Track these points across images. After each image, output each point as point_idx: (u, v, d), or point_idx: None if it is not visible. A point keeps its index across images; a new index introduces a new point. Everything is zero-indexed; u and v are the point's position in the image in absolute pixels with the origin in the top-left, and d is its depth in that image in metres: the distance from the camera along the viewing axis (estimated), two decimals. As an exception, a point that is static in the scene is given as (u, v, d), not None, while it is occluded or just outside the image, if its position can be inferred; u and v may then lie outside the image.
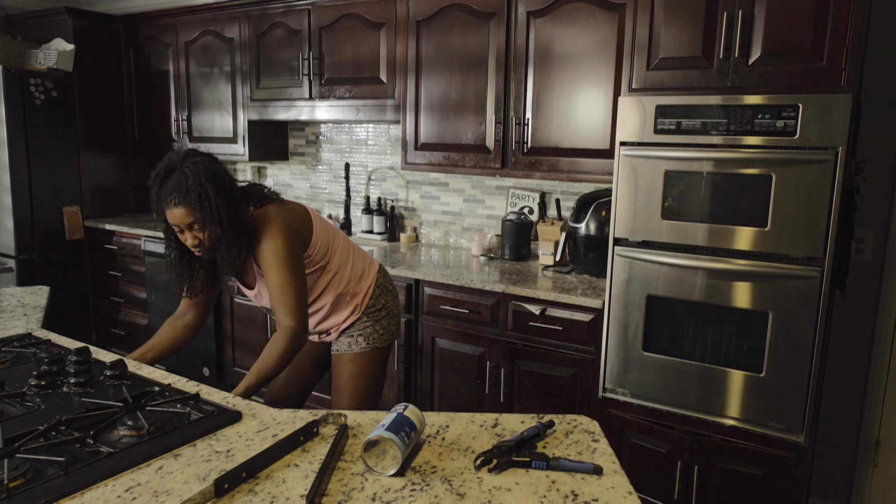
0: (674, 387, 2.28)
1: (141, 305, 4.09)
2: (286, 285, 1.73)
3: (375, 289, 2.06)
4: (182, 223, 1.68)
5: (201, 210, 1.65)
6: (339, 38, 3.32)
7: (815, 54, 1.99)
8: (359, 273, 2.03)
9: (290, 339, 1.70)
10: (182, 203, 1.65)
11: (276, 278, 1.73)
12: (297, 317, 1.73)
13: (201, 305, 1.94)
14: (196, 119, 4.04)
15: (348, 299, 2.00)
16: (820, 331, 2.02)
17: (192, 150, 1.75)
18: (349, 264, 2.00)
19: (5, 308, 2.15)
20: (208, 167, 1.69)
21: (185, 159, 1.70)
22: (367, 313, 2.03)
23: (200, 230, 1.69)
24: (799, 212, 2.00)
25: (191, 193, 1.65)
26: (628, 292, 2.33)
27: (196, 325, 1.95)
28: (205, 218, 1.66)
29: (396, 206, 3.72)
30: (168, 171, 1.70)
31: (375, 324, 2.04)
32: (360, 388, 2.01)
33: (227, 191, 1.70)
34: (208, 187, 1.65)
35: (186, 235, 1.71)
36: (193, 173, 1.66)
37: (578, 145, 2.71)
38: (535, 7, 2.72)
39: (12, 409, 1.34)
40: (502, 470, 1.15)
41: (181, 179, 1.66)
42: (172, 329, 1.92)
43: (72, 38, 4.03)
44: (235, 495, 1.05)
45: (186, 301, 1.92)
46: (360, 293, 2.02)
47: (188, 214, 1.66)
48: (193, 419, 1.31)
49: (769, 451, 2.16)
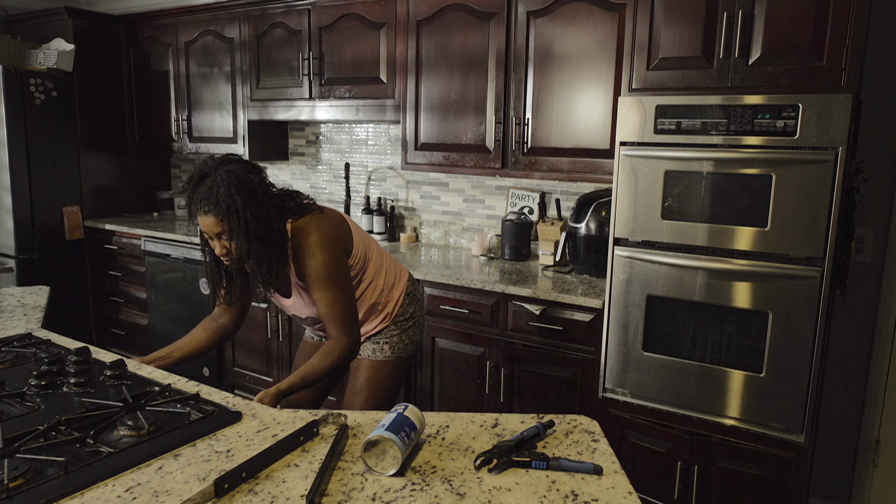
0: (674, 387, 2.28)
1: (141, 305, 4.09)
2: (336, 302, 1.70)
3: (405, 297, 2.03)
4: (211, 231, 1.64)
5: (228, 221, 1.61)
6: (339, 38, 3.32)
7: (815, 54, 1.99)
8: (391, 281, 1.99)
9: (344, 355, 1.69)
10: (211, 212, 1.61)
11: (326, 296, 1.70)
12: (351, 333, 1.71)
13: (236, 310, 1.91)
14: (196, 119, 4.04)
15: (380, 308, 1.96)
16: (820, 331, 2.02)
17: (230, 155, 1.70)
18: (383, 272, 1.96)
19: (5, 308, 2.15)
20: (241, 176, 1.63)
21: (220, 165, 1.65)
22: (395, 322, 1.99)
23: (228, 240, 1.65)
24: (799, 212, 2.00)
25: (220, 203, 1.60)
26: (628, 292, 2.33)
27: (231, 329, 1.92)
28: (231, 230, 1.62)
29: (396, 206, 3.72)
30: (202, 176, 1.65)
31: (402, 333, 2.00)
32: (375, 396, 1.96)
33: (259, 203, 1.64)
34: (237, 199, 1.60)
35: (215, 244, 1.67)
36: (224, 182, 1.61)
37: (578, 145, 2.71)
38: (535, 7, 2.72)
39: (12, 409, 1.34)
40: (502, 470, 1.15)
41: (212, 187, 1.61)
42: (205, 329, 1.89)
43: (72, 38, 4.03)
44: (235, 495, 1.05)
45: (222, 305, 1.90)
46: (391, 301, 1.98)
47: (217, 224, 1.62)
48: (193, 419, 1.31)
49: (769, 451, 2.16)
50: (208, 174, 1.63)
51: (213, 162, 1.66)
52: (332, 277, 1.71)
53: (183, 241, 3.72)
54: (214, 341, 1.90)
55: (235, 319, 1.92)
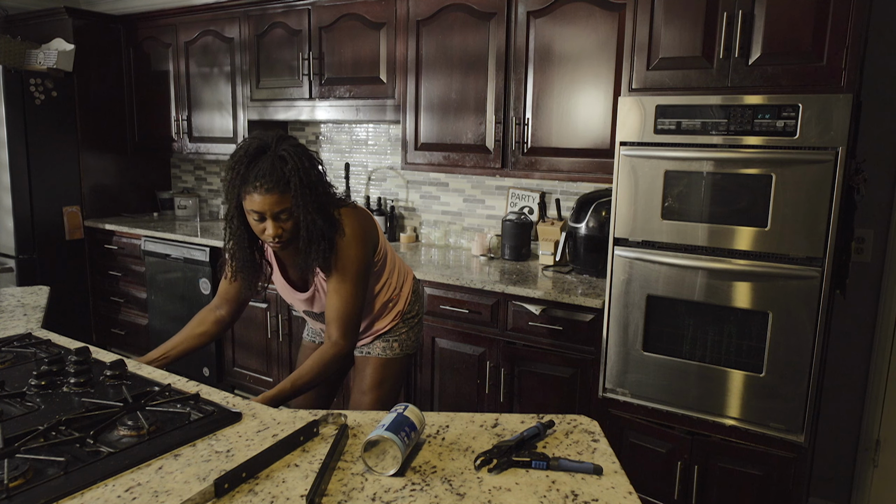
0: (674, 387, 2.28)
1: (141, 305, 4.09)
2: (350, 302, 1.67)
3: (412, 294, 2.02)
4: (270, 210, 1.55)
5: (301, 198, 1.54)
6: (339, 38, 3.32)
7: (815, 54, 1.99)
8: (402, 279, 1.99)
9: (337, 359, 1.65)
10: (275, 189, 1.52)
11: (344, 291, 1.66)
12: (350, 338, 1.68)
13: (238, 301, 1.86)
14: (196, 119, 4.04)
15: (391, 306, 1.95)
16: (820, 331, 2.02)
17: (283, 133, 1.62)
18: (395, 270, 1.95)
19: (5, 308, 2.15)
20: (308, 153, 1.58)
21: (280, 141, 1.57)
22: (404, 319, 1.99)
23: (287, 219, 1.58)
24: (799, 212, 2.00)
25: (289, 179, 1.52)
26: (628, 292, 2.33)
27: (228, 321, 1.86)
28: (301, 206, 1.55)
29: (396, 206, 3.72)
30: (259, 151, 1.56)
31: (409, 330, 2.00)
32: (385, 394, 1.95)
33: (322, 184, 1.60)
34: (312, 174, 1.55)
35: (268, 224, 1.58)
36: (293, 157, 1.54)
37: (578, 145, 2.71)
38: (535, 7, 2.72)
39: (12, 409, 1.34)
40: (502, 470, 1.15)
41: (276, 163, 1.53)
42: (202, 323, 1.83)
43: (72, 38, 4.04)
44: (235, 495, 1.05)
45: (223, 295, 1.84)
46: (401, 299, 1.98)
47: (280, 202, 1.54)
48: (193, 419, 1.31)
49: (769, 451, 2.16)
50: (266, 149, 1.56)
51: (268, 137, 1.58)
52: (357, 274, 1.69)
53: (183, 241, 3.72)
54: (213, 335, 1.85)
55: (234, 311, 1.87)
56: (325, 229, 1.61)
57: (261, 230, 1.60)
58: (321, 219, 1.59)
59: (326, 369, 1.64)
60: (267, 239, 1.61)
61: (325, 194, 1.61)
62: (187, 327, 1.84)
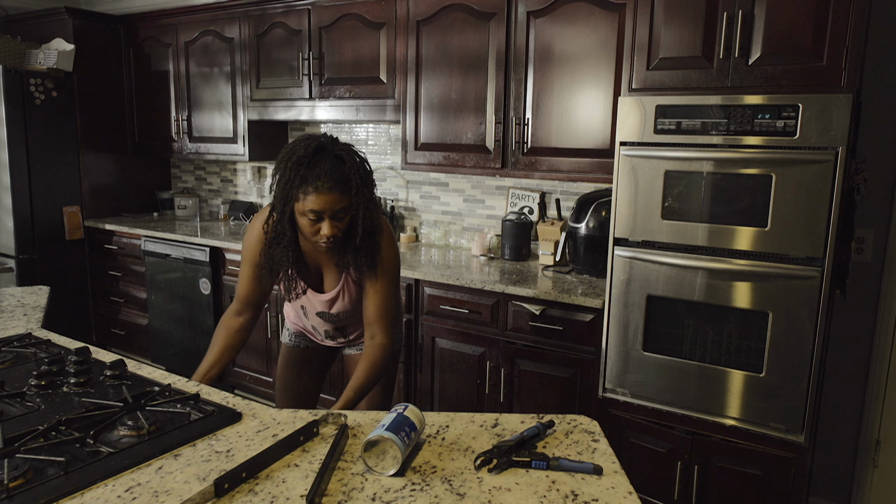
0: (674, 387, 2.28)
1: (141, 305, 4.09)
2: (391, 301, 1.73)
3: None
4: (330, 209, 1.56)
5: (361, 196, 1.58)
6: (339, 38, 3.32)
7: (815, 54, 1.99)
8: None
9: (386, 358, 1.70)
10: (335, 188, 1.54)
11: (386, 290, 1.72)
12: (391, 336, 1.74)
13: (260, 305, 1.87)
14: (196, 119, 4.04)
15: None
16: (820, 331, 2.02)
17: (331, 135, 1.66)
18: None
19: (5, 308, 2.15)
20: (362, 156, 1.63)
21: (335, 143, 1.62)
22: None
23: (343, 219, 1.60)
24: (799, 212, 2.00)
25: (350, 179, 1.56)
26: (628, 292, 2.33)
27: (251, 327, 1.87)
28: (361, 205, 1.58)
29: (396, 206, 3.72)
30: (318, 150, 1.58)
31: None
32: (385, 390, 1.98)
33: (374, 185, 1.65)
34: (368, 177, 1.60)
35: (325, 224, 1.59)
36: (350, 157, 1.58)
37: (578, 145, 2.71)
38: (535, 7, 2.72)
39: (12, 409, 1.34)
40: (502, 470, 1.15)
41: (336, 163, 1.56)
42: (230, 335, 1.82)
43: (72, 38, 4.03)
44: (235, 495, 1.05)
45: (245, 300, 1.83)
46: None
47: (339, 201, 1.56)
48: (193, 419, 1.31)
49: (769, 451, 2.16)
50: (324, 149, 1.58)
51: (323, 139, 1.61)
52: (395, 275, 1.76)
53: (183, 241, 3.72)
54: (243, 343, 1.87)
55: (256, 315, 1.88)
56: (377, 228, 1.68)
57: (314, 231, 1.61)
58: (374, 218, 1.65)
59: (380, 370, 1.69)
60: (320, 239, 1.61)
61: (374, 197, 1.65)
62: (218, 343, 1.82)
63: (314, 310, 1.89)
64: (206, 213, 4.63)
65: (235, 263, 3.54)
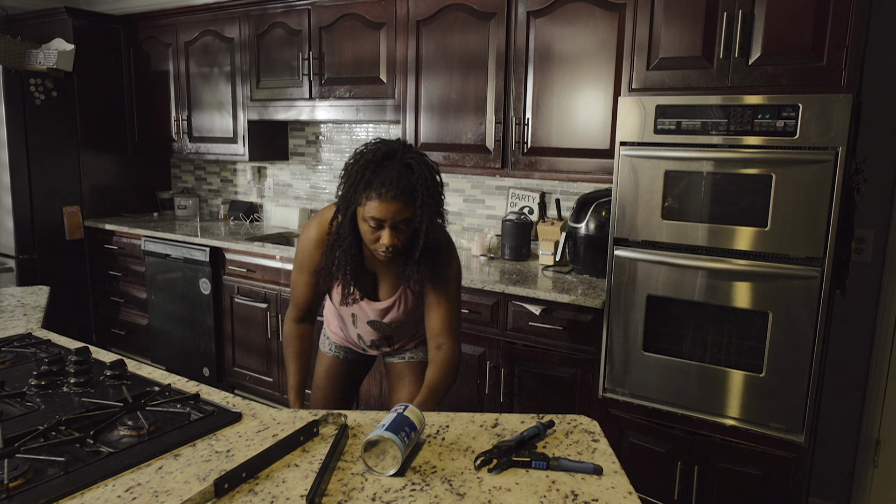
0: (674, 387, 2.28)
1: (141, 305, 4.09)
2: (458, 311, 1.72)
3: None
4: (391, 218, 1.51)
5: (426, 208, 1.51)
6: (339, 38, 3.32)
7: (815, 54, 1.99)
8: None
9: (457, 364, 1.69)
10: (400, 197, 1.48)
11: (454, 300, 1.71)
12: (459, 345, 1.73)
13: (317, 307, 1.85)
14: (196, 119, 4.04)
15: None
16: (820, 331, 2.02)
17: (404, 141, 1.61)
18: None
19: (5, 308, 2.15)
20: (429, 162, 1.55)
21: (406, 150, 1.55)
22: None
23: (405, 229, 1.54)
24: (799, 212, 2.00)
25: (416, 188, 1.50)
26: (628, 292, 2.33)
27: (313, 328, 1.88)
28: (425, 217, 1.52)
29: (396, 206, 3.71)
30: (386, 156, 1.52)
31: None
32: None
33: (442, 194, 1.58)
34: (436, 189, 1.54)
35: (384, 233, 1.53)
36: (419, 166, 1.51)
37: (578, 145, 2.71)
38: (535, 7, 2.72)
39: (12, 409, 1.34)
40: (502, 470, 1.15)
41: (404, 172, 1.50)
42: (304, 341, 1.83)
43: (72, 38, 4.04)
44: (235, 495, 1.05)
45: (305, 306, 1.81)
46: None
47: (403, 210, 1.50)
48: (193, 419, 1.31)
49: (769, 451, 2.16)
50: (393, 156, 1.52)
51: (394, 144, 1.56)
52: (459, 287, 1.74)
53: (183, 241, 3.72)
54: (312, 345, 1.87)
55: (315, 317, 1.87)
56: (441, 243, 1.63)
57: (374, 238, 1.56)
58: (439, 230, 1.59)
59: (453, 375, 1.68)
60: (379, 248, 1.56)
61: (441, 207, 1.59)
62: (295, 354, 1.83)
63: (366, 318, 1.83)
64: (206, 213, 4.63)
65: (235, 263, 3.54)
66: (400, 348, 1.97)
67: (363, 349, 1.99)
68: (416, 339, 1.98)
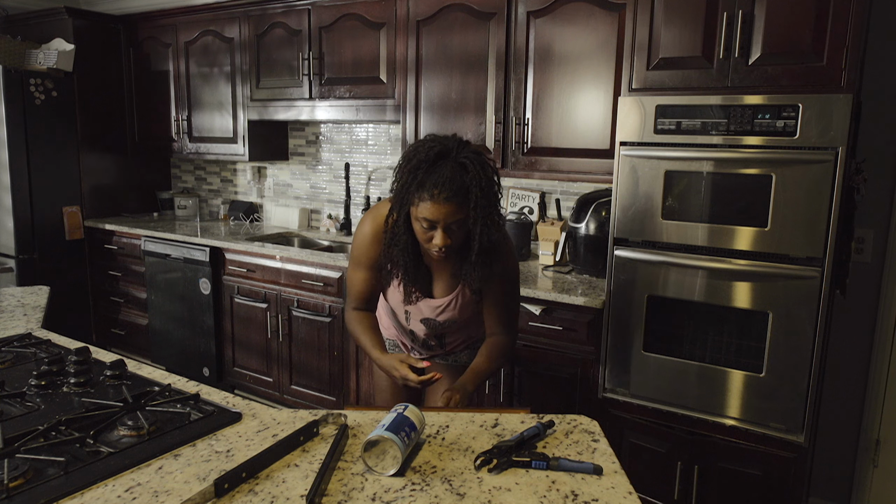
0: (674, 387, 2.28)
1: (141, 305, 4.09)
2: (513, 312, 1.76)
3: None
4: (444, 220, 1.46)
5: (480, 209, 1.46)
6: (339, 38, 3.32)
7: (815, 54, 1.99)
8: None
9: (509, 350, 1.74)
10: (453, 198, 1.44)
11: (512, 301, 1.74)
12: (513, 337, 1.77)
13: (377, 298, 1.82)
14: (196, 119, 4.04)
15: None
16: (820, 331, 2.02)
17: (461, 138, 1.53)
18: None
19: (5, 308, 2.15)
20: (486, 160, 1.49)
21: (461, 148, 1.49)
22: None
23: (458, 230, 1.50)
24: (799, 212, 2.00)
25: (469, 189, 1.45)
26: (628, 292, 2.33)
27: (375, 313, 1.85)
28: (479, 219, 1.47)
29: (396, 206, 3.71)
30: (440, 156, 1.47)
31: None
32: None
33: (498, 196, 1.52)
34: (491, 190, 1.48)
35: (437, 234, 1.49)
36: (474, 165, 1.46)
37: (578, 145, 2.71)
38: (535, 7, 2.72)
39: (12, 409, 1.34)
40: (502, 470, 1.15)
41: (457, 171, 1.44)
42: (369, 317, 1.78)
43: (72, 38, 4.03)
44: (235, 495, 1.05)
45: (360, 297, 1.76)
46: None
47: (455, 212, 1.46)
48: (193, 419, 1.31)
49: (769, 451, 2.16)
50: (447, 155, 1.47)
51: (449, 142, 1.50)
52: (516, 286, 1.76)
53: (183, 241, 3.72)
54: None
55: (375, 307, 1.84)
56: (497, 242, 1.56)
57: (427, 238, 1.53)
58: (494, 231, 1.52)
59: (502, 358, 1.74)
60: (432, 248, 1.53)
61: (497, 208, 1.53)
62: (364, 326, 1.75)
63: (419, 315, 1.78)
64: (206, 213, 4.63)
65: (235, 263, 3.54)
66: (452, 350, 1.93)
67: (411, 348, 1.94)
68: (467, 341, 1.93)
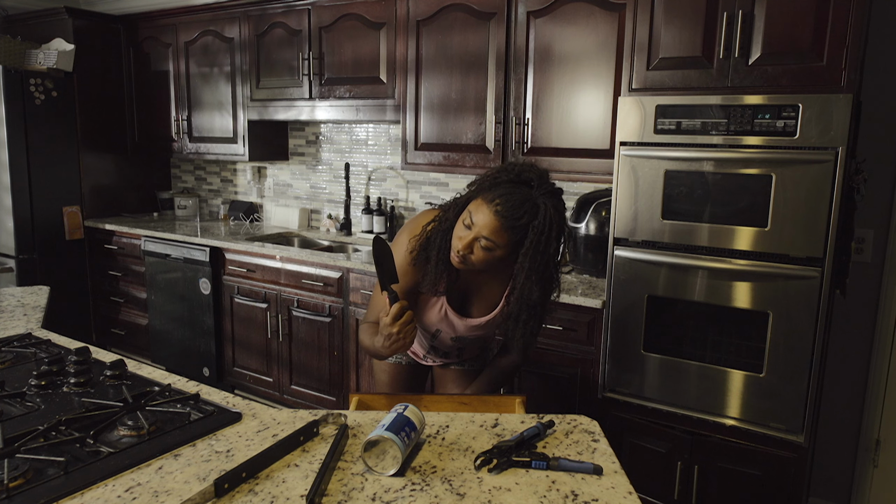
0: (674, 387, 2.28)
1: (141, 305, 4.09)
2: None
3: None
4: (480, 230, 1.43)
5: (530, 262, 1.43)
6: (339, 38, 3.32)
7: (815, 54, 1.99)
8: None
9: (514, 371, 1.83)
10: (504, 219, 1.40)
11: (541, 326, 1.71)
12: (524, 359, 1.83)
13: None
14: (196, 119, 4.04)
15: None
16: (820, 331, 2.02)
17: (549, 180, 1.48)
18: None
19: (5, 308, 2.15)
20: (563, 227, 1.45)
21: (548, 191, 1.44)
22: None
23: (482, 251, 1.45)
24: (799, 212, 2.00)
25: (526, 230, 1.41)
26: (628, 292, 2.33)
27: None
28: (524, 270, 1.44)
29: (396, 206, 3.72)
30: (524, 183, 1.44)
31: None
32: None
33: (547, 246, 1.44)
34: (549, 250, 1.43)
35: (467, 235, 1.46)
36: (546, 215, 1.41)
37: (578, 145, 2.71)
38: (535, 7, 2.72)
39: (12, 409, 1.34)
40: (502, 470, 1.15)
41: (526, 204, 1.41)
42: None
43: (72, 38, 4.03)
44: (235, 495, 1.05)
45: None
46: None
47: (496, 232, 1.42)
48: (193, 419, 1.31)
49: (769, 451, 2.16)
50: (529, 184, 1.44)
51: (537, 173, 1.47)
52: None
53: (183, 241, 3.72)
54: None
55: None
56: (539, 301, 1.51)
57: (457, 237, 1.49)
58: (536, 291, 1.47)
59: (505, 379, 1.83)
60: (454, 247, 1.50)
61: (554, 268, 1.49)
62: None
63: (451, 333, 1.74)
64: (206, 213, 4.63)
65: (235, 263, 3.54)
66: (468, 357, 1.95)
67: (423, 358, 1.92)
68: (482, 346, 1.96)
